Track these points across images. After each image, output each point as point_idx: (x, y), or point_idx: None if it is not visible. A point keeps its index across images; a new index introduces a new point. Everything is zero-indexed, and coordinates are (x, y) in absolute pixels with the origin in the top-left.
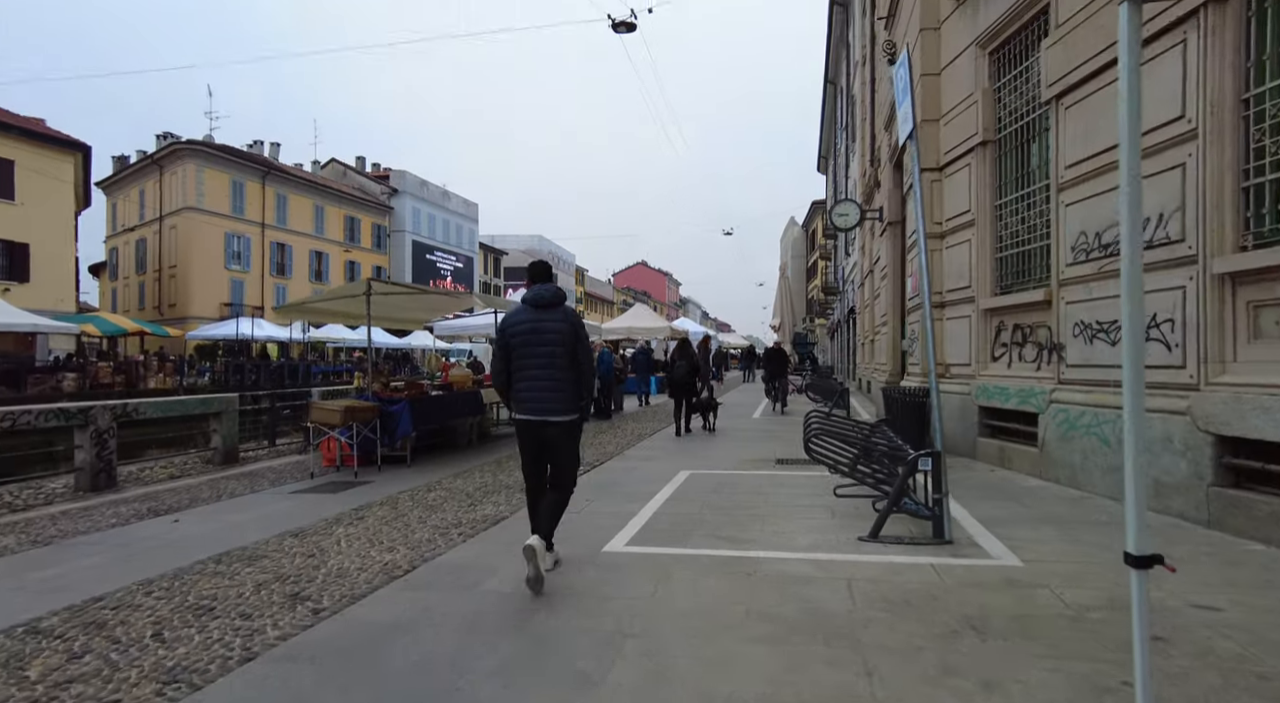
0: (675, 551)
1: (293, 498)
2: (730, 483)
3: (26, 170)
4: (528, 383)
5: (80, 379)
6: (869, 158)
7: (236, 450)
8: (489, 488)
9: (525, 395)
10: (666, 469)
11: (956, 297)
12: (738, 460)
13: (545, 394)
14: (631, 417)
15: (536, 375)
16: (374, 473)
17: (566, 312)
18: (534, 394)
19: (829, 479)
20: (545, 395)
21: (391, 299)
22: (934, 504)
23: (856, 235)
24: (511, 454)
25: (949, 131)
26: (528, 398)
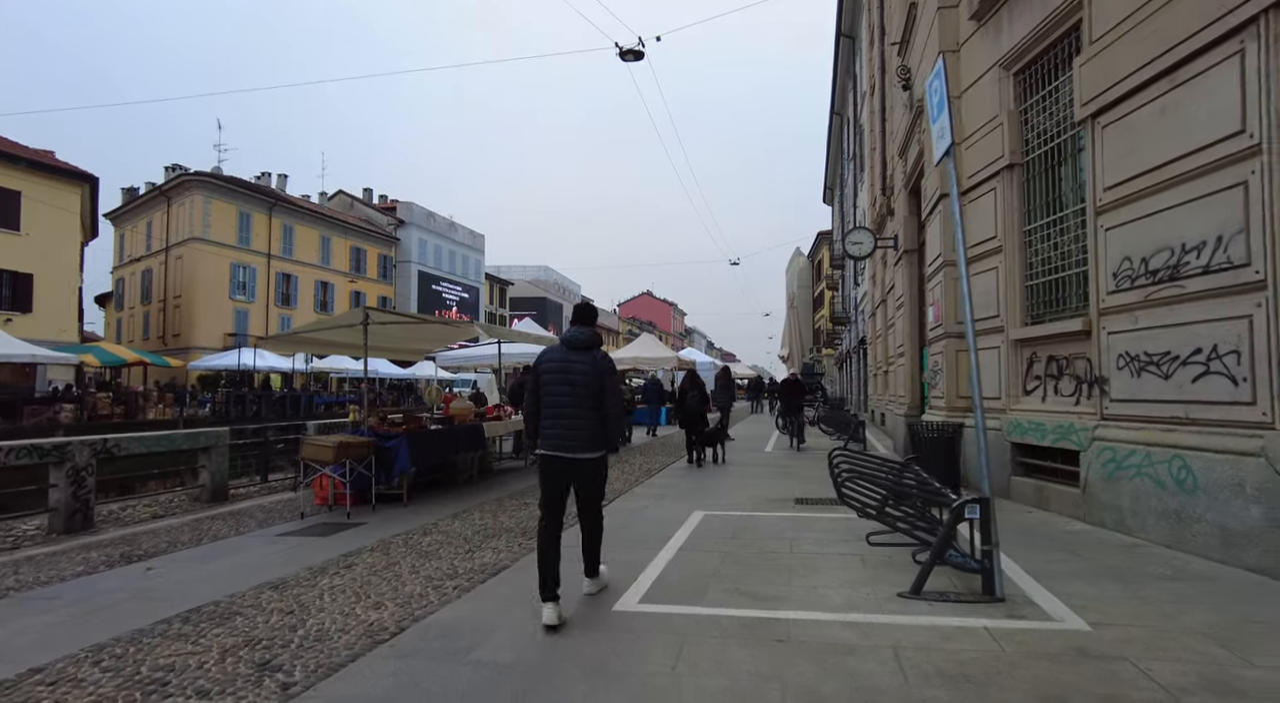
0: (695, 610)
1: (278, 542)
2: (749, 526)
3: (33, 201)
4: (553, 420)
5: (78, 410)
6: (880, 186)
7: (226, 488)
8: (489, 531)
9: (550, 432)
10: (679, 510)
11: (983, 327)
12: (754, 500)
13: (569, 432)
14: (639, 449)
15: (562, 414)
16: (368, 513)
17: (597, 356)
18: (558, 431)
19: (855, 522)
20: (569, 434)
21: (390, 329)
22: (983, 556)
23: (867, 265)
24: (513, 493)
25: (971, 156)
26: (552, 434)
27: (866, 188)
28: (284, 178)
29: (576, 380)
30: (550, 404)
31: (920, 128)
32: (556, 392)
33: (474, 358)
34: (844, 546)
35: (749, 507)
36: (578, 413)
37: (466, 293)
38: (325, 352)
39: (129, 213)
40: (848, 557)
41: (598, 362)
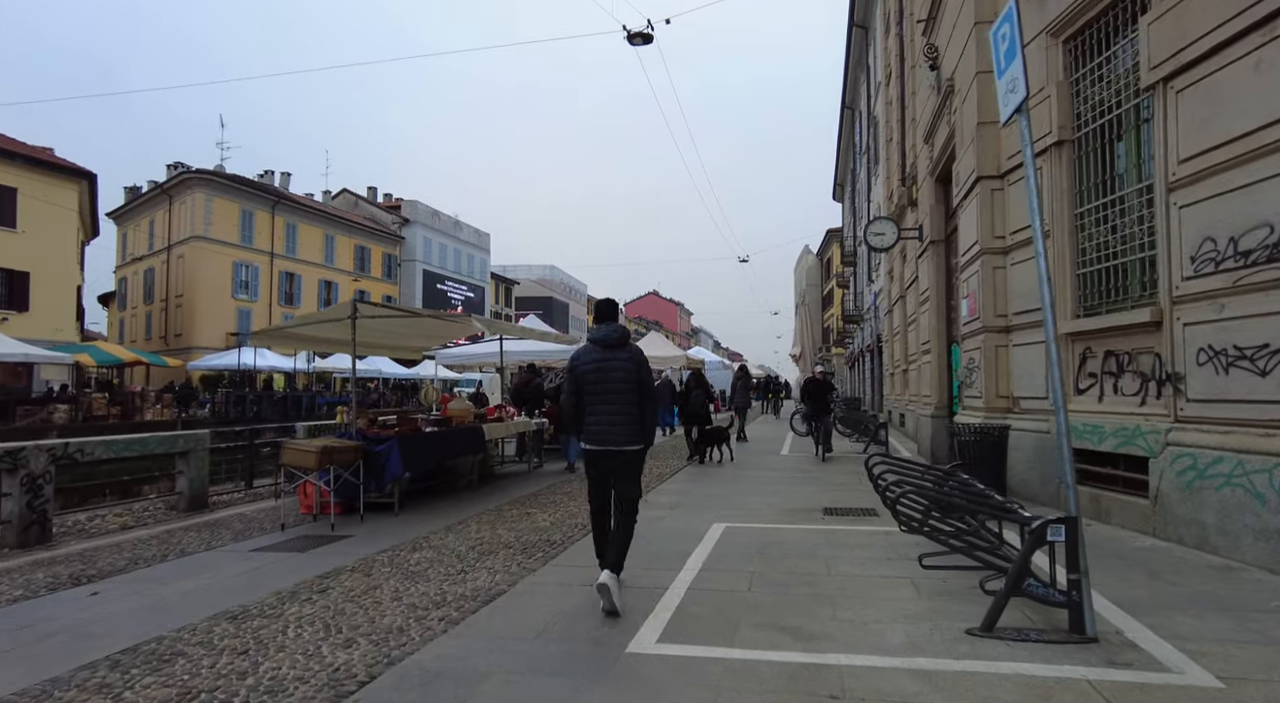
0: (725, 653)
1: (250, 559)
2: (776, 541)
3: (29, 198)
4: (596, 417)
5: (73, 411)
6: (899, 177)
7: (206, 495)
8: (485, 547)
9: (594, 428)
10: (697, 522)
11: (1026, 320)
12: (777, 510)
13: (612, 427)
14: (651, 452)
15: (604, 410)
16: (355, 524)
17: (632, 351)
18: (601, 427)
19: (896, 538)
20: (614, 428)
21: (382, 324)
22: (1069, 587)
23: (882, 261)
24: (514, 500)
25: (1013, 133)
26: (596, 430)
27: (881, 181)
28: (287, 176)
29: (614, 377)
30: (590, 401)
31: (950, 109)
32: (595, 389)
33: (476, 356)
34: (889, 567)
35: (773, 518)
36: (617, 408)
37: (472, 292)
38: (315, 348)
39: (131, 212)
40: (897, 581)
41: (633, 357)
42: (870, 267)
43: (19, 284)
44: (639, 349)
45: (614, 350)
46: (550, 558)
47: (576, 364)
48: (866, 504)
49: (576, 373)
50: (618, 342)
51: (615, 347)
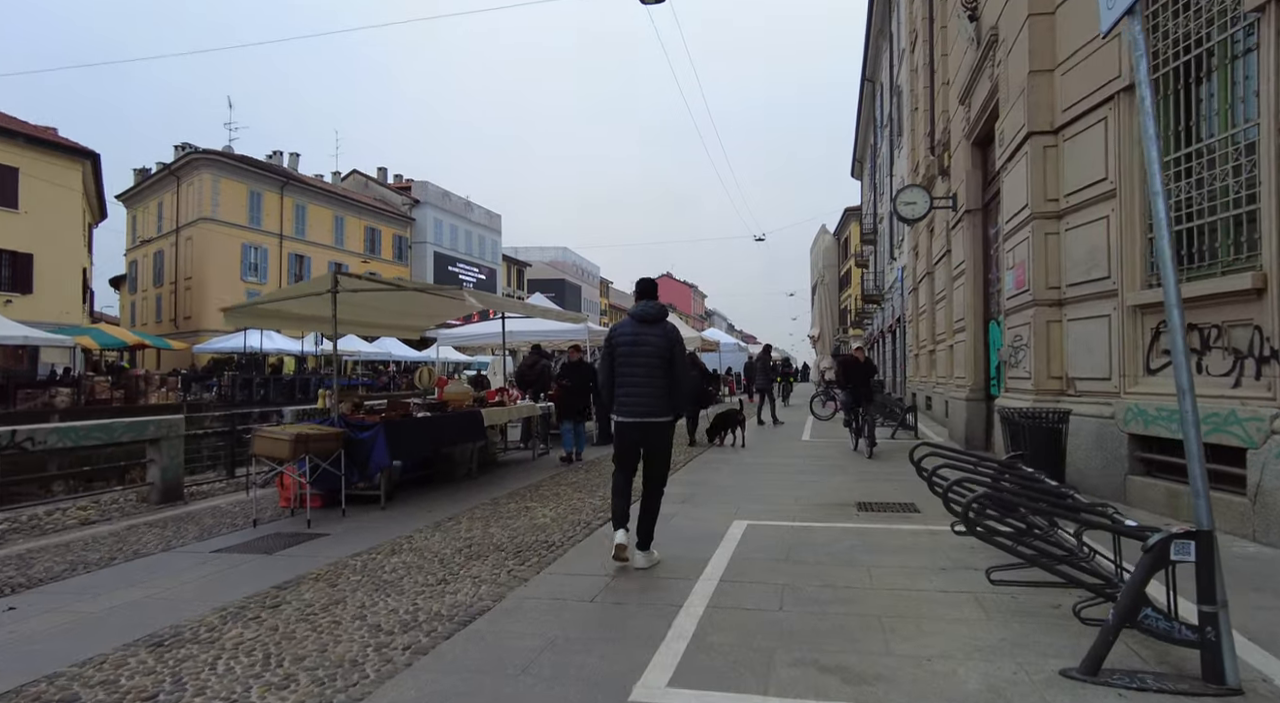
0: (756, 701)
1: (207, 563)
2: (806, 543)
3: (31, 178)
4: (628, 389)
5: (75, 394)
6: (928, 145)
7: (181, 485)
8: (474, 549)
9: (626, 399)
10: (714, 519)
11: (1084, 292)
12: (804, 505)
13: (644, 399)
14: None
15: (637, 382)
16: (334, 519)
17: (667, 327)
18: (633, 399)
19: (944, 538)
20: (644, 400)
21: (367, 299)
22: (1201, 622)
23: (906, 237)
24: (513, 492)
25: (1070, 81)
26: (628, 401)
27: (905, 153)
28: (296, 156)
29: (648, 351)
30: (624, 374)
31: (993, 61)
32: (630, 362)
33: (481, 337)
34: (944, 578)
35: (800, 514)
36: (650, 381)
37: (484, 274)
38: (296, 327)
39: (140, 194)
40: (958, 598)
41: (668, 333)
42: (892, 244)
43: (22, 266)
44: (674, 326)
45: (650, 325)
46: (545, 564)
47: (614, 337)
48: (904, 498)
49: (613, 345)
50: (655, 317)
51: (652, 322)
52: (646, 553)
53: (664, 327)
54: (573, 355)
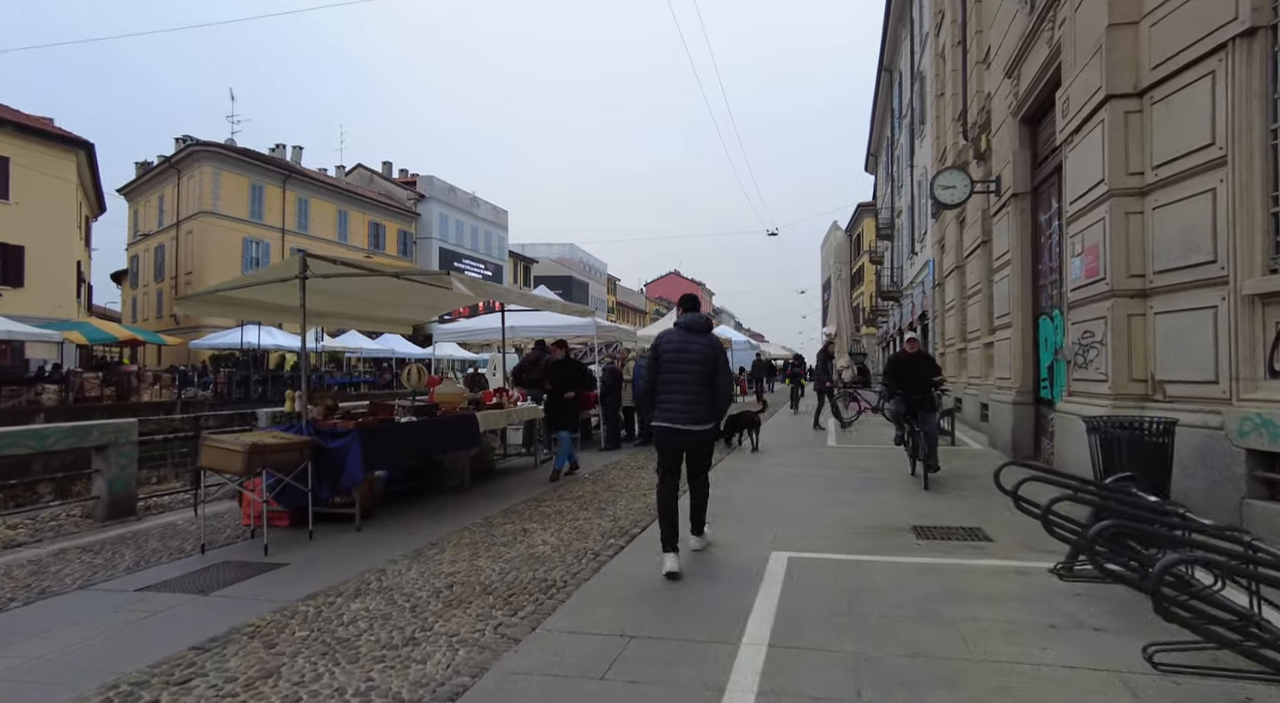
0: None
1: (125, 607)
2: (868, 586)
3: (23, 168)
4: (670, 395)
5: (63, 392)
6: (961, 129)
7: (133, 499)
8: (457, 591)
9: (667, 405)
10: (747, 548)
11: (1179, 279)
12: (849, 527)
13: (685, 406)
14: None
15: (679, 390)
16: (300, 543)
17: (711, 338)
18: (675, 406)
19: (1040, 581)
20: (685, 407)
21: (355, 290)
22: None
23: (929, 229)
24: (510, 507)
25: (1163, 32)
26: (669, 408)
27: (929, 142)
28: (299, 150)
29: (694, 360)
30: (667, 381)
31: (1054, 22)
32: (674, 370)
33: (480, 332)
34: (1061, 644)
35: (849, 542)
36: (693, 389)
37: (490, 271)
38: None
39: (140, 187)
40: (1092, 680)
41: (713, 343)
42: (914, 238)
43: (13, 259)
44: (718, 337)
45: (696, 335)
46: (543, 615)
47: (659, 345)
48: (966, 521)
49: (658, 352)
50: (701, 327)
51: (698, 332)
52: (700, 537)
53: (709, 337)
54: (555, 352)
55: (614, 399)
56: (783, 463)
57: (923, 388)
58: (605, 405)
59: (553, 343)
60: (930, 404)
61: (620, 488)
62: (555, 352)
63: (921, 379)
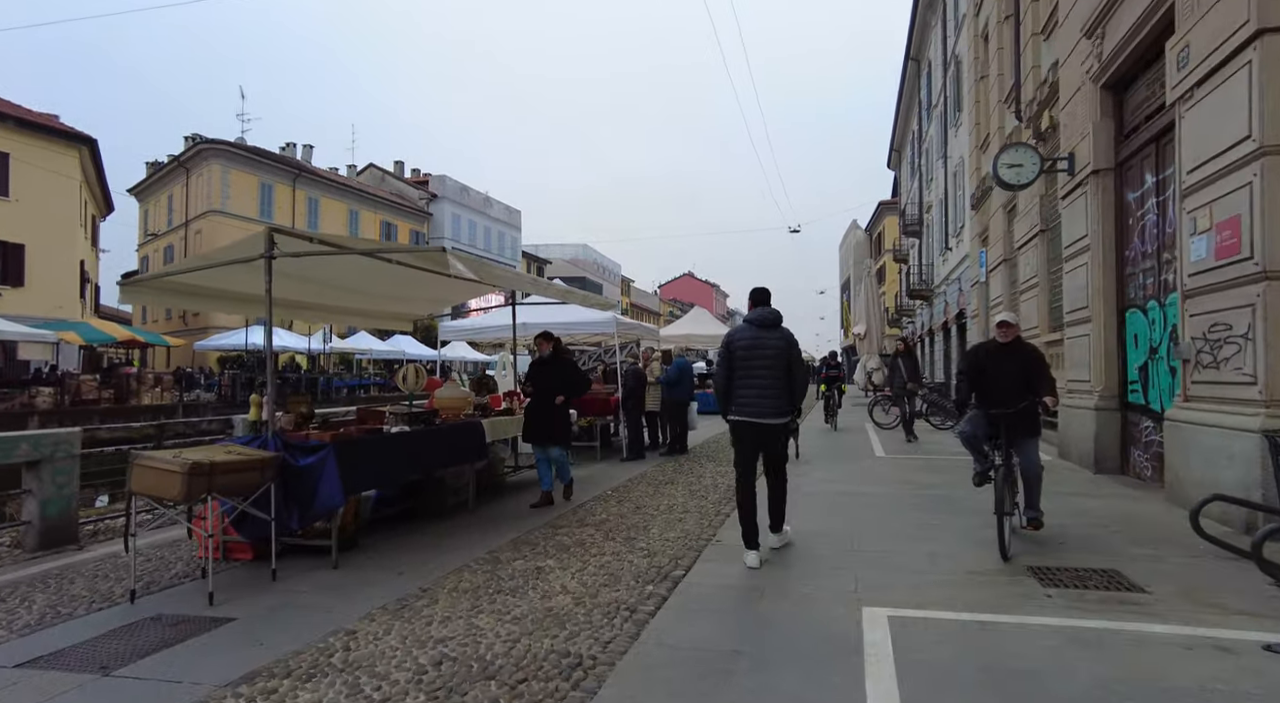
0: None
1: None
2: (1015, 668)
3: (23, 164)
4: (747, 390)
5: (58, 394)
6: (1014, 109)
7: (74, 523)
8: (445, 671)
9: (745, 400)
10: (829, 604)
11: None
12: (947, 568)
13: (762, 400)
14: (709, 453)
15: (756, 384)
16: (260, 586)
17: (784, 332)
18: (752, 400)
19: (1264, 666)
20: (762, 401)
21: (343, 278)
22: None
23: (967, 223)
24: (523, 536)
25: None
26: (747, 402)
27: (966, 130)
28: (309, 149)
29: (768, 354)
30: (743, 376)
31: None
32: (749, 365)
33: (490, 330)
34: None
35: (955, 591)
36: (768, 383)
37: None
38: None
39: (150, 187)
40: None
41: (787, 337)
42: (947, 233)
43: (13, 257)
44: (790, 331)
45: (768, 330)
46: None
47: (732, 341)
48: (1094, 561)
49: (731, 349)
50: (772, 322)
51: (769, 327)
52: (780, 534)
53: (782, 331)
54: (543, 347)
55: (636, 404)
56: (831, 478)
57: (1021, 401)
58: (627, 411)
59: (537, 336)
60: (1032, 425)
61: (650, 509)
62: (542, 346)
63: (1019, 386)
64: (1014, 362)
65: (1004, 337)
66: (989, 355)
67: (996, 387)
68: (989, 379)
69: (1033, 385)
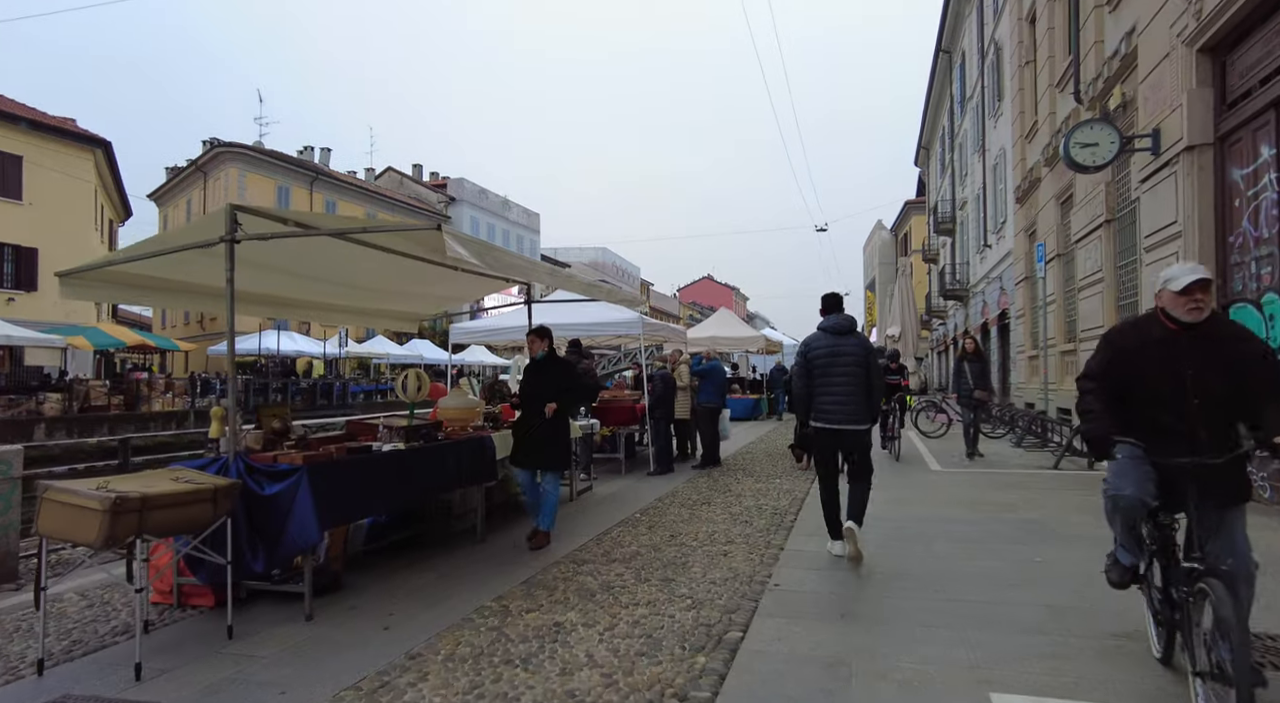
0: None
1: None
2: None
3: (37, 167)
4: (827, 397)
5: (66, 401)
6: (1075, 91)
7: (13, 557)
8: None
9: (826, 407)
10: (936, 686)
11: None
12: (1077, 630)
13: (843, 406)
14: (744, 466)
15: (835, 392)
16: (213, 646)
17: (861, 339)
18: (833, 406)
19: None
20: (844, 407)
21: (331, 269)
22: None
23: (1010, 219)
24: (536, 580)
25: None
26: (828, 409)
27: (1009, 120)
28: (327, 151)
29: (848, 361)
30: (822, 383)
31: None
32: (829, 373)
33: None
34: None
35: (1093, 664)
36: (848, 390)
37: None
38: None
39: (169, 191)
40: None
41: (863, 342)
42: (984, 229)
43: (26, 261)
44: (865, 337)
45: (844, 337)
46: None
47: (809, 350)
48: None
49: (809, 357)
50: (847, 329)
51: (845, 333)
52: (857, 526)
53: (859, 337)
54: (534, 346)
55: (665, 412)
56: (889, 497)
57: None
58: (655, 420)
59: (530, 332)
60: (1240, 486)
61: (687, 539)
62: (533, 347)
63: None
64: (1215, 359)
65: (1192, 309)
66: (1160, 348)
67: (1175, 408)
68: (1156, 396)
69: (1248, 408)
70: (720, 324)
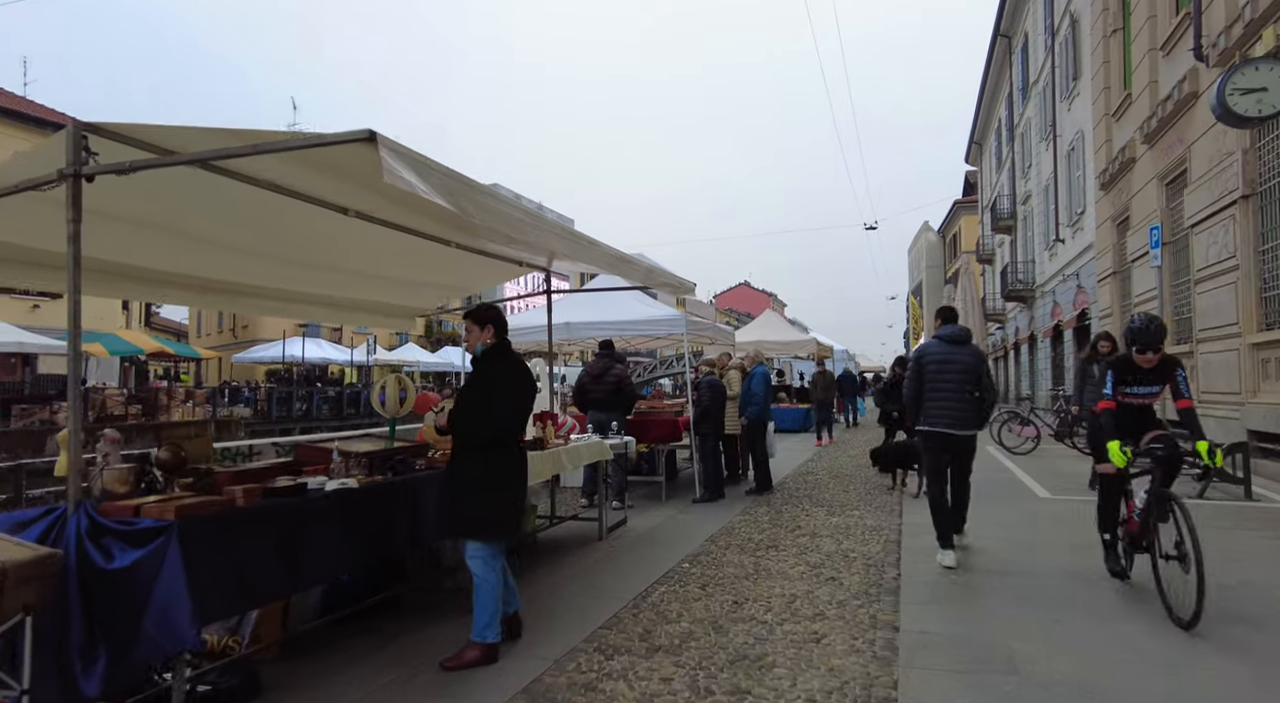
0: None
1: None
2: None
3: None
4: (938, 403)
5: (83, 409)
6: (1195, 46)
7: None
8: None
9: (936, 412)
10: None
11: None
12: None
13: (952, 412)
14: (806, 492)
15: (947, 397)
16: None
17: (974, 349)
18: (944, 412)
19: None
20: (952, 413)
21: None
22: None
23: (1088, 208)
24: (551, 680)
25: None
26: (939, 414)
27: (1088, 99)
28: None
29: (958, 369)
30: (934, 389)
31: None
32: (937, 380)
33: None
34: None
35: None
36: (958, 397)
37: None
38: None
39: None
40: None
41: (976, 353)
42: (1055, 222)
43: None
44: (979, 348)
45: (959, 346)
46: None
47: (923, 357)
48: None
49: (923, 364)
50: (962, 339)
51: (960, 343)
52: (959, 535)
53: (972, 347)
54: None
55: (714, 426)
56: (988, 535)
57: None
58: (702, 435)
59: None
60: None
61: (759, 610)
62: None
63: None
64: None
65: None
66: None
67: None
68: None
69: None
70: (765, 327)
